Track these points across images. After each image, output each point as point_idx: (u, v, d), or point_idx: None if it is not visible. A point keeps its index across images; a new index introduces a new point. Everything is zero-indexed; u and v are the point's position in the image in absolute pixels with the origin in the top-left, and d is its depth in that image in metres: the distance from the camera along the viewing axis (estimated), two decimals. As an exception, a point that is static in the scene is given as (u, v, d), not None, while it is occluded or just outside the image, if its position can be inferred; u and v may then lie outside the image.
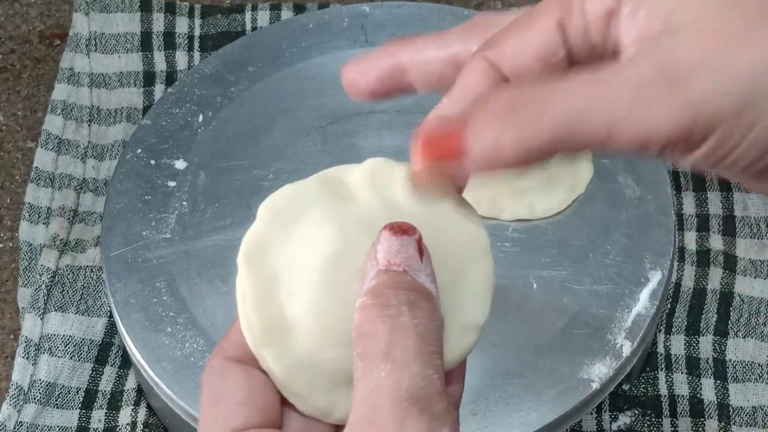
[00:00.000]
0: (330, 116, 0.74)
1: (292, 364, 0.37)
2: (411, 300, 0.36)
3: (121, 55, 0.84)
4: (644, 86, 0.36)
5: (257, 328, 0.38)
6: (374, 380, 0.35)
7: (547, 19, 0.40)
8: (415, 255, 0.37)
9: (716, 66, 0.36)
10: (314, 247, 0.38)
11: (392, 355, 0.35)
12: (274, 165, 0.72)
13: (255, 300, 0.38)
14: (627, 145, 0.36)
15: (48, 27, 0.89)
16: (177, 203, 0.70)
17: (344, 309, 0.37)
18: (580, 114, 0.36)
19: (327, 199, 0.39)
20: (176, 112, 0.74)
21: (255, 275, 0.38)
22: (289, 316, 0.38)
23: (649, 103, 0.36)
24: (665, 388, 0.70)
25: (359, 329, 0.36)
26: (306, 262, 0.38)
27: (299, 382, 0.38)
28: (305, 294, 0.38)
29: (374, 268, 0.36)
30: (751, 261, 0.75)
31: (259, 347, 0.38)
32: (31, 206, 0.77)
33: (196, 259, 0.68)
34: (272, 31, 0.79)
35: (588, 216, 0.69)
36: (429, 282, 0.37)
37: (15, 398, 0.69)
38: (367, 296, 0.36)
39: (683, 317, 0.73)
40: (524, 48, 0.40)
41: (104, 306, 0.74)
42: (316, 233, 0.38)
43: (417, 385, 0.34)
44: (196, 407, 0.62)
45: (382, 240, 0.37)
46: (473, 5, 0.89)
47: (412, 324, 0.35)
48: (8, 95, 0.85)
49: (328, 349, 0.37)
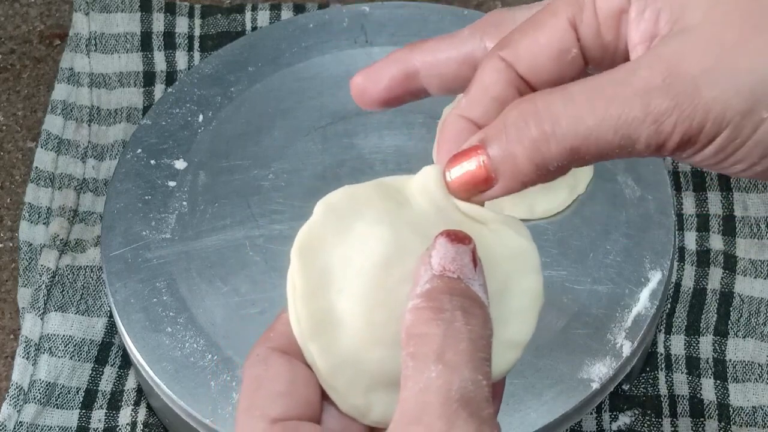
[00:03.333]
0: (330, 116, 0.74)
1: (336, 360, 0.38)
2: (465, 306, 0.36)
3: (121, 55, 0.84)
4: (653, 96, 0.37)
5: (305, 321, 0.38)
6: (424, 380, 0.35)
7: (560, 17, 0.40)
8: (469, 264, 0.37)
9: (722, 72, 0.37)
10: (367, 246, 0.38)
11: (444, 357, 0.35)
12: (274, 165, 0.72)
13: (305, 293, 0.38)
14: (642, 153, 0.37)
15: (48, 27, 0.89)
16: (177, 203, 0.70)
17: (392, 310, 0.37)
18: (591, 129, 0.37)
19: (382, 201, 0.40)
20: (176, 112, 0.74)
21: (307, 269, 0.38)
22: (337, 312, 0.38)
23: (658, 115, 0.37)
24: (665, 388, 0.70)
25: (411, 329, 0.36)
26: (357, 261, 0.38)
27: (341, 378, 0.38)
28: (354, 292, 0.38)
29: (428, 273, 0.37)
30: (751, 261, 0.75)
31: (306, 340, 0.38)
32: (31, 206, 0.77)
33: (196, 259, 0.68)
34: (272, 31, 0.79)
35: (588, 216, 0.69)
36: (481, 292, 0.37)
37: (15, 398, 0.69)
38: (422, 299, 0.36)
39: (683, 317, 0.73)
40: (538, 46, 0.40)
41: (104, 306, 0.74)
42: (369, 233, 0.38)
43: (467, 388, 0.35)
44: (196, 407, 0.62)
45: (438, 246, 0.37)
46: (473, 5, 0.89)
47: (465, 329, 0.36)
48: (8, 95, 0.85)
49: (372, 349, 0.38)
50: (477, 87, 0.41)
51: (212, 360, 0.64)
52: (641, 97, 0.37)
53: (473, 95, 0.41)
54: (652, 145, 0.37)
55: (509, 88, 0.41)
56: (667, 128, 0.37)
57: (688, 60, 0.37)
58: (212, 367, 0.63)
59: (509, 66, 0.41)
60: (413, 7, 0.79)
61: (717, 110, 0.36)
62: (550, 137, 0.37)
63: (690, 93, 0.36)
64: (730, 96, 0.36)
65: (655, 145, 0.37)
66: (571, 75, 0.41)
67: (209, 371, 0.63)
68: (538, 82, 0.41)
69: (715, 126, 0.37)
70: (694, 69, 0.37)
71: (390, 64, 0.43)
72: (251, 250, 0.68)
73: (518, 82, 0.41)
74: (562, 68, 0.41)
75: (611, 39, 0.40)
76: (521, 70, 0.41)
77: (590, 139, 0.37)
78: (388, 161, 0.72)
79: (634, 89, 0.37)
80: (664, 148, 0.37)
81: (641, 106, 0.37)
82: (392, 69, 0.43)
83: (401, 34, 0.78)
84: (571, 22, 0.40)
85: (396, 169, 0.71)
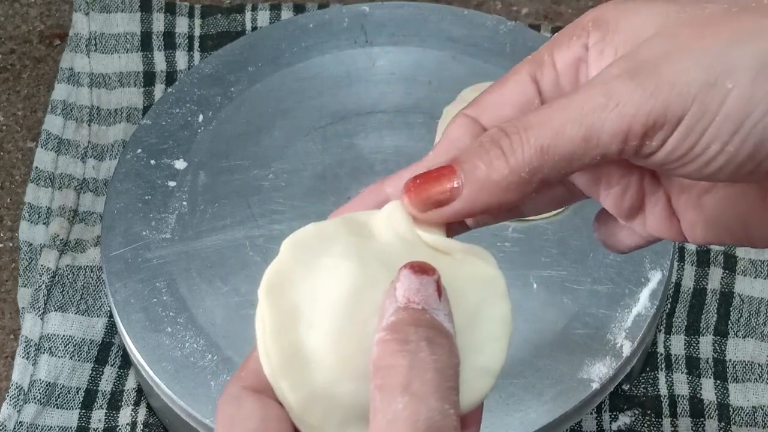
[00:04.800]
0: (330, 116, 0.74)
1: (307, 396, 0.38)
2: (430, 337, 0.36)
3: (121, 55, 0.84)
4: (615, 82, 0.37)
5: (275, 358, 0.38)
6: (392, 412, 0.35)
7: (521, 74, 0.42)
8: (434, 294, 0.37)
9: (681, 52, 0.37)
10: (334, 281, 0.38)
11: (411, 388, 0.35)
12: (274, 165, 0.72)
13: (274, 331, 0.38)
14: (608, 147, 0.37)
15: (48, 27, 0.89)
16: (177, 203, 0.70)
17: (361, 343, 0.38)
18: (557, 127, 0.37)
19: (348, 236, 0.40)
20: (176, 112, 0.74)
21: (275, 307, 0.39)
22: (307, 347, 0.38)
23: (620, 97, 0.36)
24: (665, 388, 0.71)
25: (378, 362, 0.36)
26: (326, 296, 0.38)
27: (314, 414, 0.38)
28: (324, 326, 0.38)
29: (393, 305, 0.37)
30: (751, 261, 0.75)
31: (276, 377, 0.38)
32: (31, 206, 0.77)
33: (196, 259, 0.68)
34: (272, 31, 0.79)
35: (588, 216, 0.69)
36: (447, 321, 0.37)
37: (15, 398, 0.69)
38: (387, 331, 0.36)
39: (683, 317, 0.73)
40: (502, 100, 0.41)
41: (104, 306, 0.74)
42: (336, 268, 0.39)
43: (434, 418, 0.35)
44: (196, 407, 0.62)
45: (402, 278, 0.37)
46: (473, 5, 0.89)
47: (431, 359, 0.36)
48: (8, 95, 0.85)
49: (344, 382, 0.38)
50: (443, 141, 0.41)
51: (212, 360, 0.64)
52: (602, 86, 0.37)
53: (439, 148, 0.41)
54: (618, 134, 0.37)
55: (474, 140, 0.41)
56: (630, 110, 0.36)
57: (645, 51, 0.37)
58: (212, 367, 0.63)
59: (474, 121, 0.41)
60: (413, 7, 0.79)
61: (680, 85, 0.36)
62: (521, 141, 0.38)
63: (651, 72, 0.36)
64: (691, 69, 0.36)
65: (620, 132, 0.37)
66: None
67: (209, 371, 0.63)
68: None
69: (680, 102, 0.36)
70: (654, 54, 0.37)
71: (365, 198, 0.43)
72: (251, 250, 0.68)
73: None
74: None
75: (569, 86, 0.41)
76: (485, 122, 0.41)
77: (557, 134, 0.37)
78: (388, 161, 0.72)
79: (595, 83, 0.37)
80: (630, 136, 0.37)
81: (602, 92, 0.37)
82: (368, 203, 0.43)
83: (401, 34, 0.78)
84: (532, 77, 0.41)
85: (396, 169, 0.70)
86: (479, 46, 0.77)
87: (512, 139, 0.38)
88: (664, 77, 0.36)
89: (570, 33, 0.41)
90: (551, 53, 0.41)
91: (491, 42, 0.77)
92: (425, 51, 0.77)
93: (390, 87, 0.76)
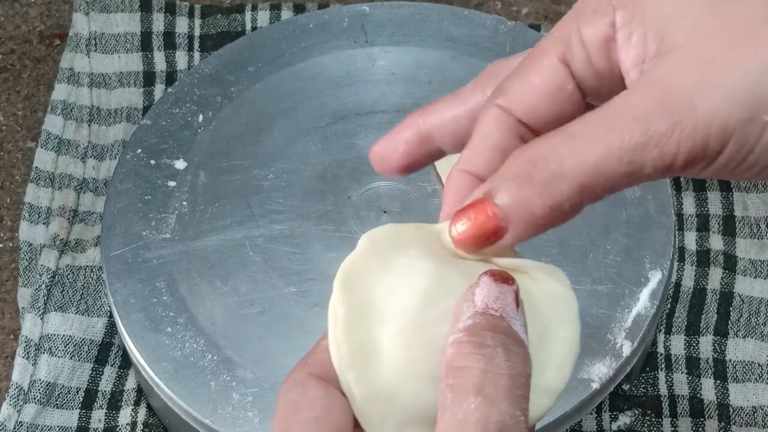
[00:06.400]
0: (330, 116, 0.74)
1: (372, 391, 0.38)
2: (506, 344, 0.36)
3: (121, 55, 0.84)
4: (651, 119, 0.37)
5: (345, 349, 0.38)
6: (463, 411, 0.35)
7: (550, 56, 0.41)
8: (512, 304, 0.37)
9: (715, 84, 0.37)
10: (410, 281, 0.39)
11: (483, 391, 0.35)
12: (274, 165, 0.72)
13: (346, 323, 0.38)
14: (652, 176, 0.37)
15: (48, 27, 0.89)
16: (177, 203, 0.70)
17: (430, 346, 0.38)
18: (598, 162, 0.37)
19: (426, 241, 0.40)
20: (176, 112, 0.74)
21: (349, 300, 0.39)
22: (377, 343, 0.38)
23: (659, 139, 0.37)
24: (665, 388, 0.71)
25: (451, 362, 0.36)
26: (400, 294, 0.39)
27: (376, 409, 0.38)
28: (395, 325, 0.38)
29: (471, 309, 0.37)
30: (751, 261, 0.75)
31: (343, 369, 0.38)
32: (31, 206, 0.77)
33: (196, 259, 0.68)
34: (272, 31, 0.79)
35: (588, 216, 0.69)
36: (522, 332, 0.37)
37: (15, 398, 0.69)
38: (463, 333, 0.37)
39: (683, 317, 0.73)
40: (533, 88, 0.41)
41: (104, 306, 0.74)
42: (413, 268, 0.39)
43: (505, 422, 0.35)
44: (196, 407, 0.62)
45: (482, 284, 0.37)
46: (473, 5, 0.89)
47: (505, 365, 0.36)
48: (8, 95, 0.85)
49: (409, 383, 0.38)
50: (477, 138, 0.41)
51: (212, 360, 0.64)
52: (639, 122, 0.37)
53: (474, 147, 0.41)
54: (660, 168, 0.37)
55: (509, 135, 0.41)
56: (671, 149, 0.37)
57: (678, 78, 0.37)
58: (212, 367, 0.63)
59: (507, 112, 0.41)
60: (413, 7, 0.79)
61: (717, 123, 0.36)
62: (558, 177, 0.37)
63: (686, 110, 0.36)
64: (728, 106, 0.36)
65: (662, 167, 0.37)
66: (571, 111, 0.41)
67: (209, 371, 0.63)
68: (538, 124, 0.41)
69: (719, 139, 0.37)
70: (686, 85, 0.37)
71: (403, 129, 0.44)
72: (251, 250, 0.68)
73: (518, 128, 0.41)
74: (561, 106, 0.41)
75: (604, 66, 0.40)
76: (519, 114, 0.41)
77: (598, 172, 0.37)
78: (388, 161, 0.72)
79: (631, 115, 0.37)
80: (672, 168, 0.37)
81: (641, 130, 0.37)
82: (406, 134, 0.44)
83: (401, 34, 0.78)
84: (562, 58, 0.40)
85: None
86: (479, 46, 0.77)
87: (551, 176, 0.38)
88: (700, 117, 0.36)
89: (594, 6, 0.40)
90: (578, 29, 0.40)
91: (491, 42, 0.77)
92: (425, 51, 0.77)
93: (390, 87, 0.76)
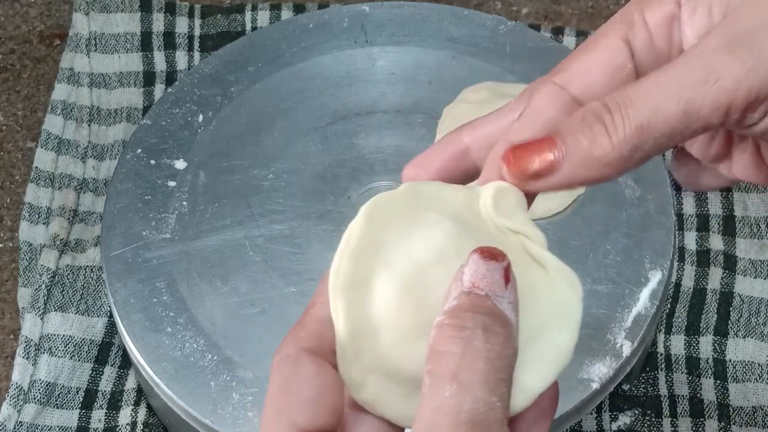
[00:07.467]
0: (330, 116, 0.74)
1: (355, 327, 0.38)
2: (486, 324, 0.36)
3: (121, 55, 0.84)
4: (712, 56, 0.37)
5: (343, 277, 0.38)
6: (438, 399, 0.35)
7: (612, 37, 0.41)
8: (500, 281, 0.37)
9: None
10: (428, 234, 0.38)
11: (459, 377, 0.35)
12: (274, 165, 0.72)
13: (356, 251, 0.38)
14: (710, 121, 0.37)
15: (48, 27, 0.89)
16: (177, 203, 0.70)
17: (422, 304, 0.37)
18: (657, 102, 0.37)
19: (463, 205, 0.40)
20: (176, 112, 0.74)
21: (366, 232, 0.38)
22: (374, 282, 0.38)
23: (720, 72, 0.36)
24: (665, 388, 0.70)
25: (433, 346, 0.36)
26: (415, 243, 0.38)
27: (354, 346, 0.38)
28: (398, 270, 0.38)
29: (458, 289, 0.37)
30: (751, 261, 0.75)
31: (336, 295, 0.38)
32: (31, 206, 0.77)
33: (196, 259, 0.68)
34: (272, 31, 0.79)
35: (588, 216, 0.69)
36: (510, 310, 0.37)
37: (15, 398, 0.69)
38: (446, 315, 0.36)
39: (683, 317, 0.73)
40: (592, 66, 0.41)
41: (104, 306, 0.74)
42: (437, 224, 0.39)
43: (478, 410, 0.34)
44: (196, 407, 0.62)
45: (471, 263, 0.37)
46: (473, 5, 0.89)
47: (483, 348, 0.35)
48: (8, 95, 0.85)
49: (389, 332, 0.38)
50: (529, 111, 0.41)
51: (212, 360, 0.64)
52: (700, 60, 0.37)
53: (524, 119, 0.40)
54: (719, 108, 0.36)
55: (562, 111, 0.40)
56: (731, 84, 0.36)
57: (743, 22, 0.37)
58: (212, 367, 0.63)
59: (562, 89, 0.40)
60: (413, 7, 0.79)
61: None
62: (622, 119, 0.37)
63: (749, 46, 0.36)
64: None
65: (721, 107, 0.36)
66: None
67: (209, 371, 0.63)
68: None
69: None
70: (751, 25, 0.37)
71: (441, 147, 0.43)
72: (251, 250, 0.68)
73: (572, 105, 0.40)
74: (618, 85, 0.40)
75: (664, 47, 0.40)
76: (575, 91, 0.40)
77: (655, 111, 0.37)
78: (388, 161, 0.72)
79: (694, 56, 0.37)
80: (732, 110, 0.36)
81: (701, 67, 0.36)
82: (444, 151, 0.43)
83: (401, 34, 0.78)
84: (623, 39, 0.40)
85: (396, 169, 0.71)
86: (479, 46, 0.77)
87: (614, 116, 0.37)
88: (763, 51, 0.36)
89: None
90: (641, 11, 0.40)
91: (491, 42, 0.77)
92: (425, 51, 0.77)
93: (390, 87, 0.76)
